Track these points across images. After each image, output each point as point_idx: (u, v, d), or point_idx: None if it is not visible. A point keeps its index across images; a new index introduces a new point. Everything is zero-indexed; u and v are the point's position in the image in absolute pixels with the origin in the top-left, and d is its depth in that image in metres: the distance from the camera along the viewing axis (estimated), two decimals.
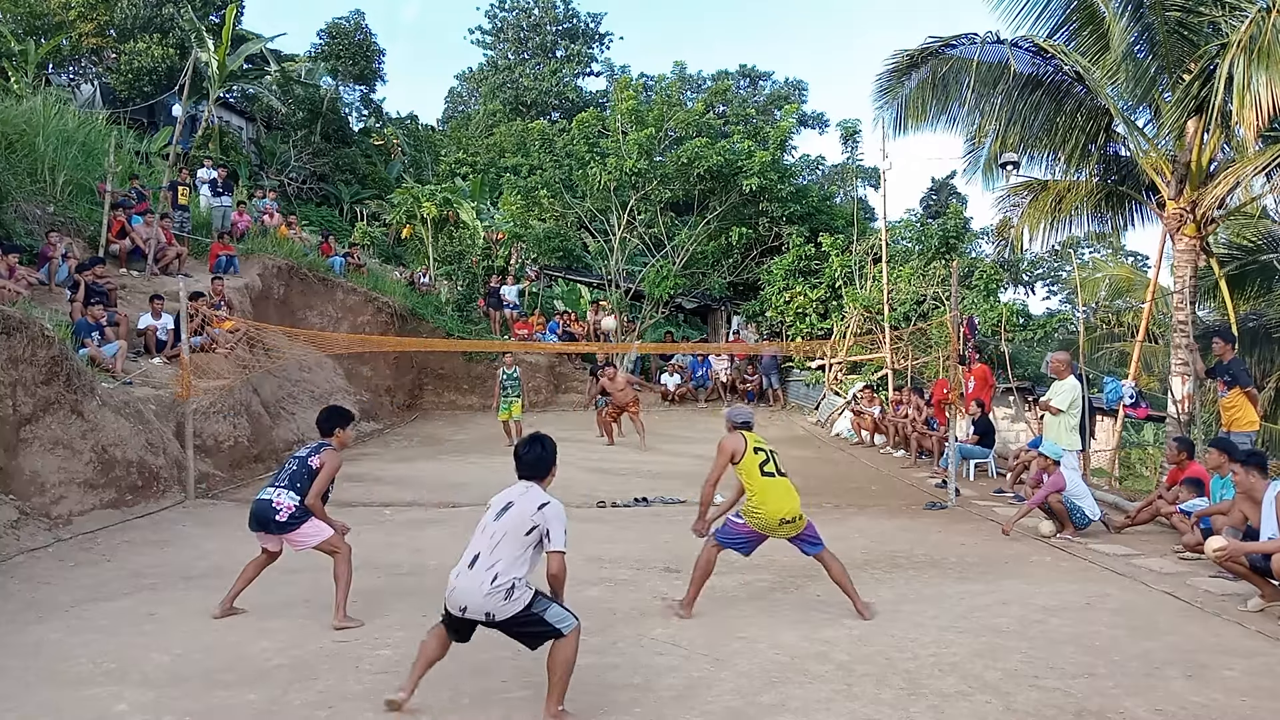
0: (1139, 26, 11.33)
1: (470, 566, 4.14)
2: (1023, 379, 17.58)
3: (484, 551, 4.16)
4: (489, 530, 4.22)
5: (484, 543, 4.19)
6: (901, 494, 11.31)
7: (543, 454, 4.45)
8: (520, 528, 4.19)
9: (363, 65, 31.24)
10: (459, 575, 4.15)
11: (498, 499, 4.36)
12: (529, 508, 4.24)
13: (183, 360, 10.48)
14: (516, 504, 4.27)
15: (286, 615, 5.85)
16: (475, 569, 4.13)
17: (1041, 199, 13.73)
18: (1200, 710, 4.37)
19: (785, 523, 5.78)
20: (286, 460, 6.13)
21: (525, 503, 4.27)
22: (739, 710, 4.37)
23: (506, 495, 4.36)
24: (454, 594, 4.13)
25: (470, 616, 4.12)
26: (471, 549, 4.20)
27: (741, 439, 5.96)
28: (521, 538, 4.18)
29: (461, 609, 4.12)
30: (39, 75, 22.73)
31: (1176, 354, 11.43)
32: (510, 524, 4.21)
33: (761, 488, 5.79)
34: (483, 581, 4.08)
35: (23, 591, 6.40)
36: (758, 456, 5.86)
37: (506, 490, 4.40)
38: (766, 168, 20.44)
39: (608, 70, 43.60)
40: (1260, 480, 6.51)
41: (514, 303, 22.13)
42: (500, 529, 4.21)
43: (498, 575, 4.09)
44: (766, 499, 5.77)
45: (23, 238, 12.99)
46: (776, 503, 5.77)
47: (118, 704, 4.42)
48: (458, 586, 4.13)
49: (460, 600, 4.12)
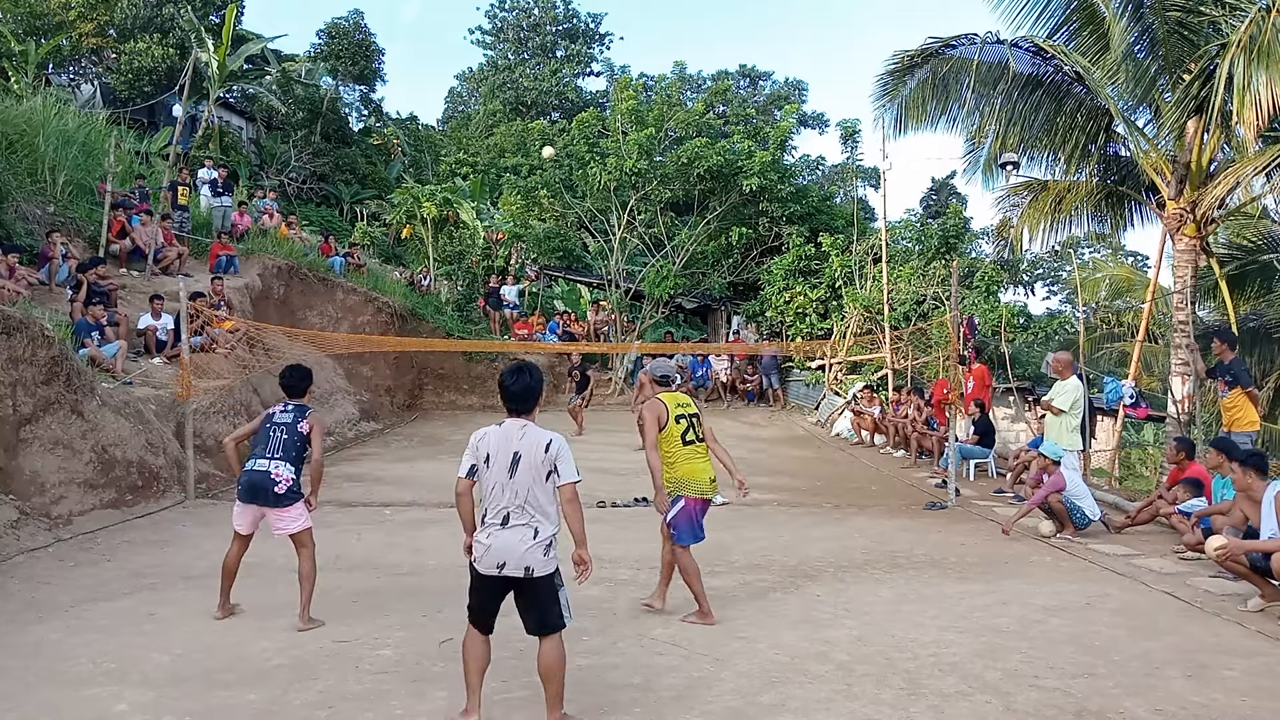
0: (1139, 26, 11.33)
1: (504, 525, 4.01)
2: (1023, 379, 17.58)
3: (513, 509, 4.02)
4: (508, 488, 4.03)
5: (509, 500, 4.02)
6: (901, 494, 11.31)
7: (531, 383, 4.21)
8: (540, 476, 4.05)
9: (362, 65, 31.23)
10: (491, 535, 4.01)
11: (496, 448, 4.09)
12: (537, 452, 4.06)
13: (183, 360, 10.48)
14: (523, 451, 4.06)
15: (286, 615, 5.84)
16: (509, 527, 4.00)
17: (1041, 199, 13.73)
18: (1200, 710, 4.37)
19: (712, 481, 5.90)
20: (267, 429, 5.81)
21: (531, 447, 4.07)
22: (739, 710, 4.37)
23: (504, 442, 4.10)
24: (489, 553, 3.99)
25: (509, 573, 3.98)
26: (496, 508, 4.04)
27: (662, 406, 5.88)
28: (544, 485, 4.06)
29: (500, 565, 3.98)
30: (39, 75, 22.73)
31: (1176, 354, 11.42)
32: (529, 476, 4.04)
33: (686, 455, 5.82)
34: (524, 537, 3.99)
35: (23, 591, 6.40)
36: (679, 425, 5.86)
37: (497, 434, 4.13)
38: (766, 168, 20.44)
39: (608, 70, 43.66)
40: (1259, 480, 6.52)
41: (514, 303, 22.14)
42: (522, 484, 4.03)
43: (538, 530, 4.02)
44: (690, 465, 5.81)
45: (23, 238, 12.99)
46: (701, 467, 5.84)
47: (118, 704, 4.42)
48: (493, 545, 3.99)
49: (498, 557, 3.98)
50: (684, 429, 5.85)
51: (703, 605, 5.78)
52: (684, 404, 6.01)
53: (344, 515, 9.52)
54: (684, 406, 5.99)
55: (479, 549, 4.06)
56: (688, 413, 5.95)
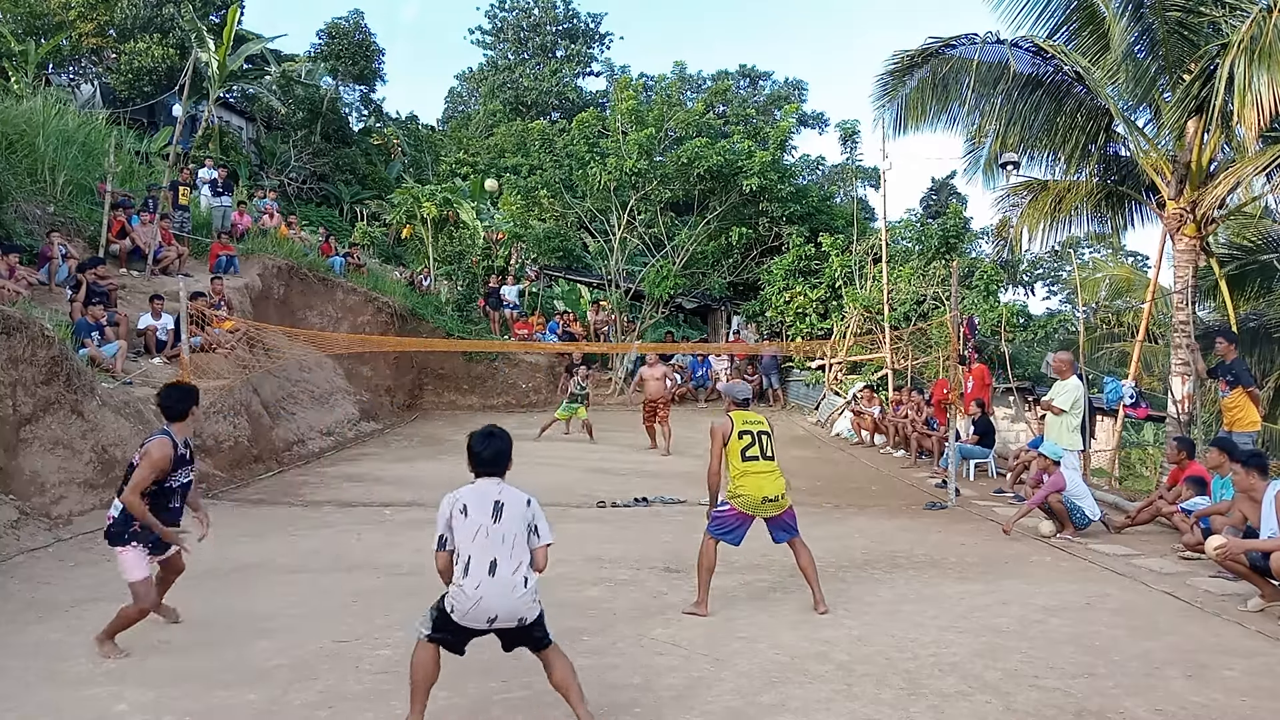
0: (1139, 27, 11.34)
1: (492, 574, 3.89)
2: (1023, 379, 17.58)
3: (501, 557, 3.93)
4: (493, 533, 3.96)
5: (496, 547, 3.94)
6: (901, 494, 11.31)
7: (503, 448, 4.16)
8: (523, 527, 4.03)
9: (362, 65, 31.23)
10: (480, 585, 3.87)
11: (474, 500, 4.02)
12: (519, 505, 4.05)
13: (183, 360, 10.49)
14: (505, 502, 4.03)
15: (287, 615, 5.85)
16: (499, 575, 3.90)
17: (1041, 199, 13.73)
18: (1200, 710, 4.37)
19: (768, 501, 5.95)
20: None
21: (512, 499, 4.06)
22: (739, 710, 4.37)
23: (481, 496, 4.04)
24: (480, 605, 3.87)
25: (501, 626, 3.93)
26: (481, 555, 3.92)
27: (730, 422, 6.08)
28: (526, 536, 4.04)
29: (491, 619, 3.90)
30: (39, 75, 22.72)
31: (1176, 354, 11.42)
32: (513, 525, 4.01)
33: (742, 470, 5.95)
34: (515, 586, 3.91)
35: (23, 591, 6.40)
36: (742, 441, 6.00)
37: (471, 490, 4.08)
38: (766, 168, 20.45)
39: (608, 70, 43.62)
40: (1260, 480, 6.52)
41: (514, 303, 22.14)
42: (507, 530, 3.98)
43: (527, 578, 3.96)
44: (746, 480, 5.92)
45: (23, 238, 12.98)
46: (757, 483, 5.93)
47: (118, 704, 4.42)
48: (484, 596, 3.86)
49: (490, 610, 3.88)
50: (747, 443, 6.00)
51: (700, 596, 5.97)
52: (753, 421, 6.16)
53: (344, 515, 9.52)
54: (753, 424, 6.13)
55: (465, 600, 3.88)
56: (755, 430, 6.09)
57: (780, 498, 5.99)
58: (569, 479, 11.73)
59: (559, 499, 10.32)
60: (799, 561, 6.09)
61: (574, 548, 7.89)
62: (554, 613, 5.83)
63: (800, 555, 6.08)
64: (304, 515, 9.54)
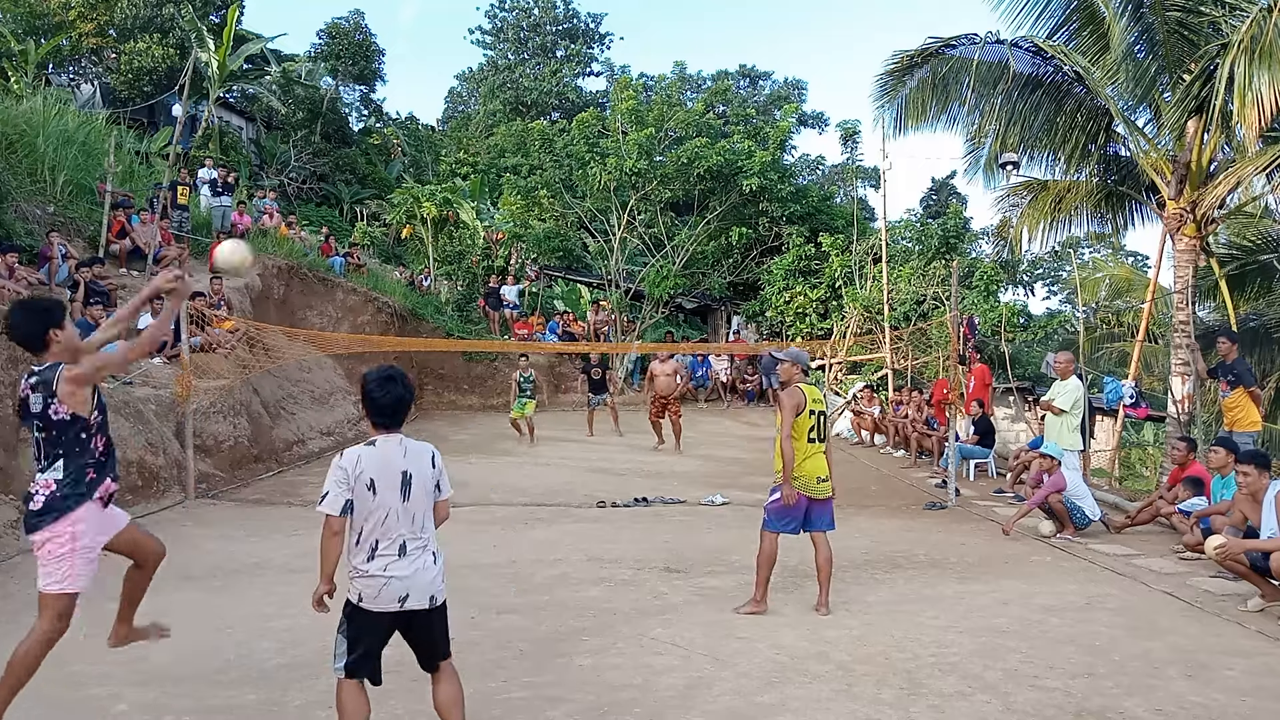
0: (1139, 26, 11.33)
1: (401, 556, 3.61)
2: (1023, 379, 17.58)
3: (410, 537, 3.65)
4: (403, 515, 3.64)
5: (405, 528, 3.64)
6: (901, 494, 11.31)
7: (403, 393, 3.74)
8: (429, 495, 3.74)
9: (362, 65, 31.23)
10: (389, 567, 3.59)
11: (380, 472, 3.63)
12: (425, 468, 3.72)
13: (183, 360, 10.48)
14: (412, 470, 3.68)
15: (287, 615, 5.84)
16: (408, 555, 3.63)
17: (1041, 199, 13.73)
18: (1200, 710, 4.37)
19: (822, 481, 6.04)
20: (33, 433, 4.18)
21: (417, 463, 3.71)
22: (739, 710, 4.36)
23: (386, 464, 3.65)
24: (389, 586, 3.59)
25: (412, 606, 3.63)
26: (390, 537, 3.62)
27: (803, 396, 6.06)
28: (432, 504, 3.76)
29: (402, 598, 3.61)
30: (39, 75, 22.71)
31: (1176, 354, 11.42)
32: (421, 500, 3.70)
33: (805, 452, 5.99)
34: (426, 564, 3.66)
35: (23, 591, 6.39)
36: (810, 420, 6.04)
37: (374, 456, 3.66)
38: (766, 168, 20.45)
39: (608, 70, 43.60)
40: (1265, 480, 6.52)
41: (514, 303, 22.13)
42: (418, 507, 3.68)
43: (436, 555, 3.72)
44: (806, 462, 5.98)
45: (23, 238, 12.97)
46: (815, 464, 6.03)
47: (118, 704, 4.42)
48: (394, 577, 3.59)
49: (401, 589, 3.60)
50: (811, 424, 6.04)
51: (758, 594, 5.98)
52: (817, 399, 6.17)
53: None
54: (818, 403, 6.15)
55: (373, 584, 3.60)
56: (818, 410, 6.12)
57: (829, 479, 6.09)
58: (569, 479, 11.73)
59: (559, 499, 10.33)
60: (818, 557, 6.04)
61: (574, 548, 7.90)
62: (554, 613, 5.87)
63: (820, 551, 6.05)
64: (304, 515, 9.52)
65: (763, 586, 5.97)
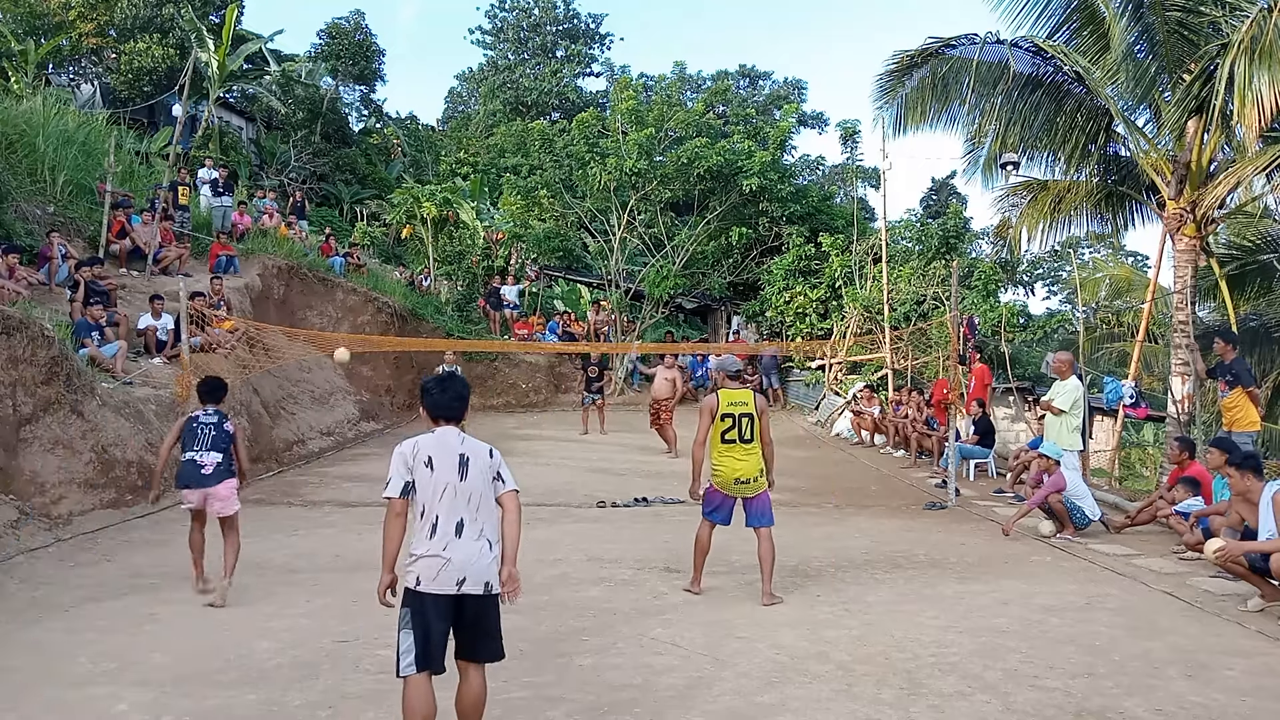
0: (1139, 27, 11.33)
1: (459, 535, 3.66)
2: (1023, 379, 17.58)
3: (467, 518, 3.69)
4: (460, 492, 3.71)
5: (462, 508, 3.70)
6: (901, 494, 11.31)
7: (462, 391, 3.94)
8: (488, 484, 3.78)
9: (363, 65, 31.22)
10: (449, 546, 3.63)
11: (439, 452, 3.74)
12: (483, 457, 3.79)
13: (183, 360, 10.48)
14: (471, 456, 3.75)
15: (287, 615, 5.85)
16: (465, 537, 3.67)
17: (1041, 199, 13.72)
18: (1200, 710, 4.37)
19: (740, 482, 6.23)
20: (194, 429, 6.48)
21: (476, 451, 3.80)
22: (739, 710, 4.37)
23: (444, 447, 3.76)
24: (449, 567, 3.61)
25: (468, 590, 3.64)
26: (448, 515, 3.68)
27: (716, 400, 6.27)
28: (491, 493, 3.79)
29: (460, 581, 3.63)
30: (39, 75, 22.71)
31: (1176, 354, 11.42)
32: (479, 482, 3.74)
33: (720, 451, 6.23)
34: (481, 549, 3.69)
35: (23, 591, 6.40)
36: (723, 424, 6.20)
37: (433, 440, 3.79)
38: (766, 168, 20.44)
39: (608, 70, 43.58)
40: (1255, 482, 6.52)
41: (514, 303, 22.12)
42: (474, 489, 3.73)
43: (491, 542, 3.73)
44: (722, 461, 6.24)
45: (23, 238, 12.97)
46: (731, 465, 6.20)
47: (118, 704, 4.42)
48: (453, 558, 3.62)
49: (460, 571, 3.62)
50: (726, 426, 6.20)
51: (695, 576, 6.42)
52: (737, 402, 6.28)
53: (344, 515, 9.52)
54: (736, 405, 6.26)
55: (433, 564, 3.62)
56: (737, 412, 6.23)
57: (753, 480, 6.22)
58: (569, 479, 11.74)
59: (559, 499, 10.33)
60: (759, 550, 6.28)
61: (574, 548, 7.90)
62: (554, 612, 5.87)
63: (762, 545, 6.27)
64: (304, 515, 9.54)
65: (697, 570, 6.39)
